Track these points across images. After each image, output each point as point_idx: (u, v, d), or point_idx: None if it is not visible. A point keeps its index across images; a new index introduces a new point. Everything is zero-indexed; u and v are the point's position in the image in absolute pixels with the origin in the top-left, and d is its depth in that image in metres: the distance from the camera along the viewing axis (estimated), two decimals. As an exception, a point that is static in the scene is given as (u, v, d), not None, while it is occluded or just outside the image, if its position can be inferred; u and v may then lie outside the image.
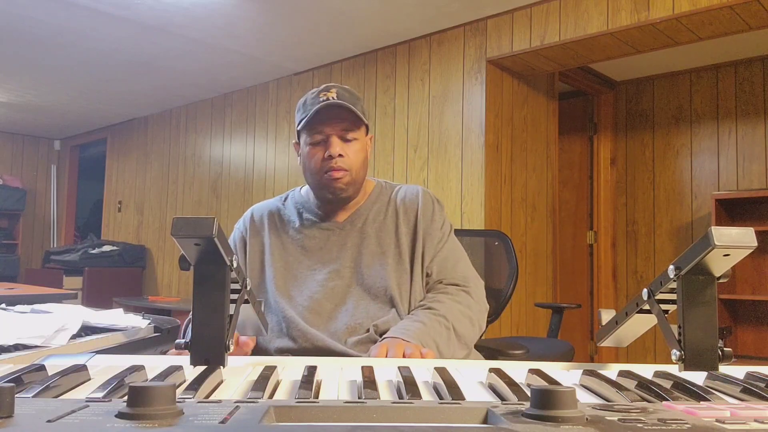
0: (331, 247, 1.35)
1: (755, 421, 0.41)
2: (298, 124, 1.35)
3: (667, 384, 0.59)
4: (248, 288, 0.74)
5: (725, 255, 0.65)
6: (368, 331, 1.25)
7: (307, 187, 1.45)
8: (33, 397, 0.49)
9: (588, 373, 0.64)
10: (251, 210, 1.47)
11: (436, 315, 1.22)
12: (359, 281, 1.31)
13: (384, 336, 1.18)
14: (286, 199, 1.48)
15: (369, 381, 0.59)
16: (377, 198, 1.42)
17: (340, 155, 1.29)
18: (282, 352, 1.26)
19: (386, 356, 1.03)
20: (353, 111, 1.30)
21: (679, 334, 0.70)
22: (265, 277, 1.36)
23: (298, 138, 1.39)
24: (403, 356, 1.03)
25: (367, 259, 1.33)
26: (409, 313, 1.29)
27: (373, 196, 1.42)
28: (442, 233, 1.39)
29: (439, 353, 1.16)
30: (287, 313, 1.28)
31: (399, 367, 0.64)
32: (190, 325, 0.80)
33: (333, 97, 1.29)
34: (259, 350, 1.27)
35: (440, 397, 0.57)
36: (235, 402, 0.45)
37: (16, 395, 0.40)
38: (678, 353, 0.70)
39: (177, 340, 0.69)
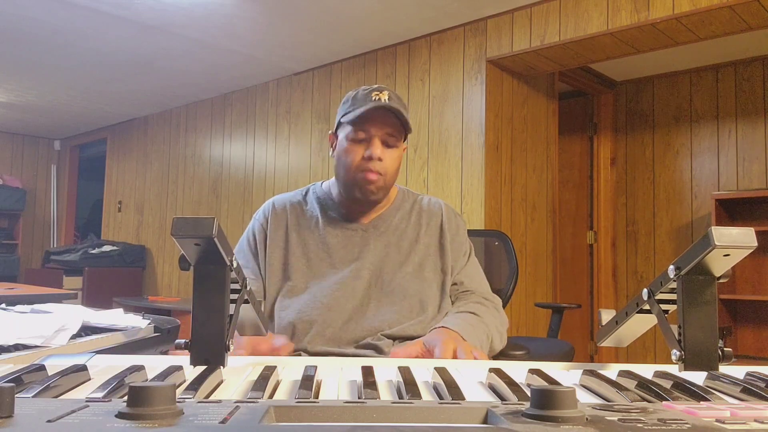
0: (353, 248, 1.35)
1: (755, 421, 0.41)
2: (342, 116, 1.33)
3: (667, 384, 0.59)
4: (248, 288, 0.74)
5: (725, 255, 0.65)
6: (382, 334, 1.25)
7: (329, 182, 1.43)
8: (33, 397, 0.48)
9: (588, 373, 0.64)
10: (272, 202, 1.44)
11: (481, 322, 1.24)
12: (379, 285, 1.31)
13: (435, 327, 1.19)
14: (306, 193, 1.45)
15: (369, 381, 0.59)
16: (401, 204, 1.42)
17: (379, 158, 1.29)
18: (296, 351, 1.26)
19: (443, 349, 1.02)
20: (401, 117, 1.29)
21: (679, 334, 0.70)
22: (286, 272, 1.35)
23: (337, 130, 1.36)
24: (454, 354, 1.01)
25: (388, 263, 1.33)
26: (427, 320, 1.29)
27: (396, 202, 1.43)
28: (465, 248, 1.42)
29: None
30: (307, 309, 1.29)
31: (399, 367, 0.64)
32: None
33: (385, 99, 1.28)
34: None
35: (440, 397, 0.57)
36: (235, 402, 0.45)
37: (16, 395, 0.40)
38: (678, 353, 0.70)
39: (177, 340, 0.69)
